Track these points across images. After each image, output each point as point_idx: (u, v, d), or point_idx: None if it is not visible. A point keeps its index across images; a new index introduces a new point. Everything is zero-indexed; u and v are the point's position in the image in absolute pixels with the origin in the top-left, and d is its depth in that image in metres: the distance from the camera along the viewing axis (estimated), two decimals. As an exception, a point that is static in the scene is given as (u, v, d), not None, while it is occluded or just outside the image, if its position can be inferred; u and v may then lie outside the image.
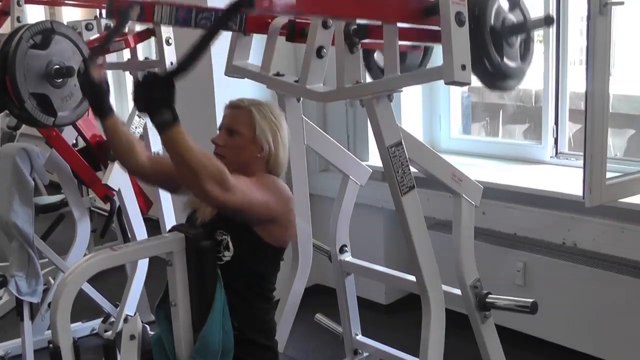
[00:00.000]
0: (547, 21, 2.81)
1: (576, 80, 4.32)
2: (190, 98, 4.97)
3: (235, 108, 2.75)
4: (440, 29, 2.32)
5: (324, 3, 2.32)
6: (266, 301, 2.77)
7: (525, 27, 2.69)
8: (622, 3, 3.14)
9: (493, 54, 2.53)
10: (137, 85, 2.27)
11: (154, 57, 4.49)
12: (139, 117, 4.10)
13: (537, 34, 4.39)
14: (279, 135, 2.72)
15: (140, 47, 4.32)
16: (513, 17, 2.64)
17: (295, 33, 2.93)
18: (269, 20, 3.01)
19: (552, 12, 4.28)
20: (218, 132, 2.76)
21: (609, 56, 3.16)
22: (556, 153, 4.49)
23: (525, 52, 2.73)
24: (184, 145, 2.31)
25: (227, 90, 4.74)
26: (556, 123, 4.43)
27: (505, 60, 2.59)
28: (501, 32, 2.57)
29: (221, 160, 2.66)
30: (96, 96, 2.70)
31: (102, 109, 2.70)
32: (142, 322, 2.68)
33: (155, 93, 2.24)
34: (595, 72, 3.11)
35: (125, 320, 2.65)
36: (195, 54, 2.22)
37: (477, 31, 2.44)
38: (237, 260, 2.58)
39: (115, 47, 4.15)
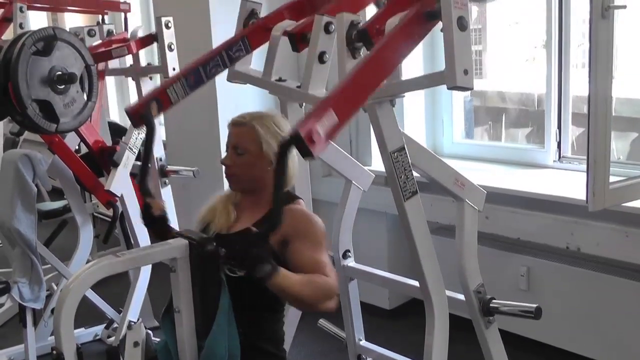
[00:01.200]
0: None
1: (579, 84, 4.32)
2: (193, 103, 4.97)
3: (239, 126, 2.77)
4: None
5: (356, 101, 2.31)
6: (276, 313, 2.79)
7: None
8: (624, 7, 3.14)
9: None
10: (236, 249, 2.37)
11: (156, 62, 4.50)
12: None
13: (542, 40, 4.40)
14: None
15: (142, 53, 4.32)
16: None
17: (297, 41, 2.93)
18: (270, 27, 3.01)
19: (555, 15, 4.29)
20: (226, 151, 2.78)
21: (611, 60, 3.16)
22: (559, 157, 4.50)
23: None
24: (290, 287, 2.44)
25: (230, 95, 4.77)
26: (559, 127, 4.43)
27: None
28: None
29: (232, 179, 2.76)
30: (159, 227, 2.80)
31: (164, 236, 2.76)
32: (145, 328, 2.68)
33: (253, 251, 2.35)
34: (598, 76, 3.11)
35: (129, 326, 2.65)
36: (278, 205, 2.25)
37: None
38: (251, 277, 2.56)
39: (117, 52, 4.16)
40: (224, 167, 2.78)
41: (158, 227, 2.81)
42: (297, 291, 2.45)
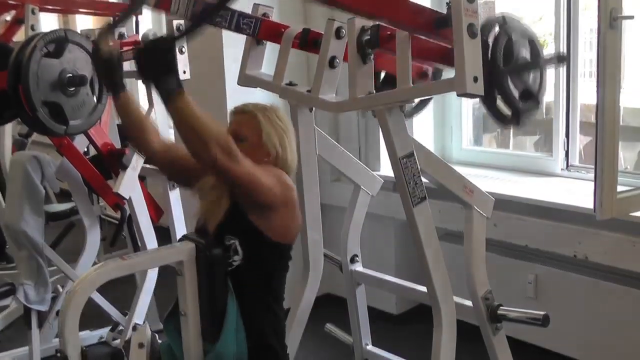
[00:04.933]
0: (559, 59, 2.77)
1: (587, 92, 4.31)
2: (203, 107, 4.98)
3: (241, 114, 2.75)
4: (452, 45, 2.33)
5: None
6: (276, 304, 2.76)
7: (538, 64, 2.69)
8: (632, 17, 3.13)
9: (511, 95, 2.56)
10: (140, 52, 2.27)
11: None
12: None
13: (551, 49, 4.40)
14: (286, 138, 2.72)
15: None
16: (526, 54, 2.64)
17: (308, 42, 2.93)
18: (282, 30, 3.01)
19: (563, 23, 4.29)
20: None
21: (619, 70, 3.15)
22: (567, 165, 4.49)
23: (539, 89, 2.73)
24: (190, 112, 2.32)
25: (240, 99, 4.75)
26: (567, 135, 4.42)
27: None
28: (514, 70, 2.58)
29: None
30: (107, 71, 2.69)
31: (114, 84, 2.70)
32: (151, 330, 2.69)
33: (159, 59, 2.25)
34: (606, 86, 3.10)
35: (134, 328, 2.65)
36: (198, 22, 2.24)
37: (492, 74, 2.45)
38: (247, 263, 2.56)
39: (127, 55, 4.16)
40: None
41: (106, 73, 2.71)
42: (196, 119, 2.32)
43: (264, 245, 2.60)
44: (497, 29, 2.57)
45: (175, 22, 3.89)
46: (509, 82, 2.55)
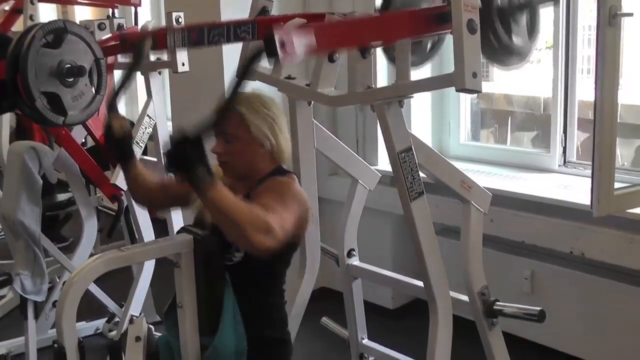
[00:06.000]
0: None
1: (585, 89, 4.32)
2: (201, 100, 4.98)
3: None
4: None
5: (340, 38, 2.32)
6: (277, 298, 2.74)
7: (531, 3, 2.68)
8: (631, 14, 3.14)
9: (500, 31, 2.53)
10: (170, 147, 2.23)
11: (165, 57, 4.50)
12: (149, 117, 4.09)
13: (545, 41, 4.41)
14: (276, 125, 2.61)
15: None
16: None
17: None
18: (282, 23, 3.00)
19: (562, 20, 4.28)
20: (215, 139, 2.64)
21: (618, 67, 3.15)
22: (564, 162, 4.49)
23: (532, 29, 2.71)
24: (225, 203, 2.23)
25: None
26: (565, 132, 4.43)
27: (513, 37, 2.59)
28: (508, 8, 2.57)
29: (225, 167, 2.64)
30: (119, 146, 2.75)
31: (125, 157, 2.79)
32: (147, 323, 2.69)
33: (188, 152, 2.19)
34: (605, 82, 3.11)
35: (131, 321, 2.64)
36: (223, 109, 2.21)
37: (485, 8, 2.42)
38: (248, 260, 2.52)
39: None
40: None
41: (119, 149, 2.76)
42: (230, 208, 2.23)
43: None
44: None
45: (174, 14, 3.88)
46: (499, 23, 2.54)
